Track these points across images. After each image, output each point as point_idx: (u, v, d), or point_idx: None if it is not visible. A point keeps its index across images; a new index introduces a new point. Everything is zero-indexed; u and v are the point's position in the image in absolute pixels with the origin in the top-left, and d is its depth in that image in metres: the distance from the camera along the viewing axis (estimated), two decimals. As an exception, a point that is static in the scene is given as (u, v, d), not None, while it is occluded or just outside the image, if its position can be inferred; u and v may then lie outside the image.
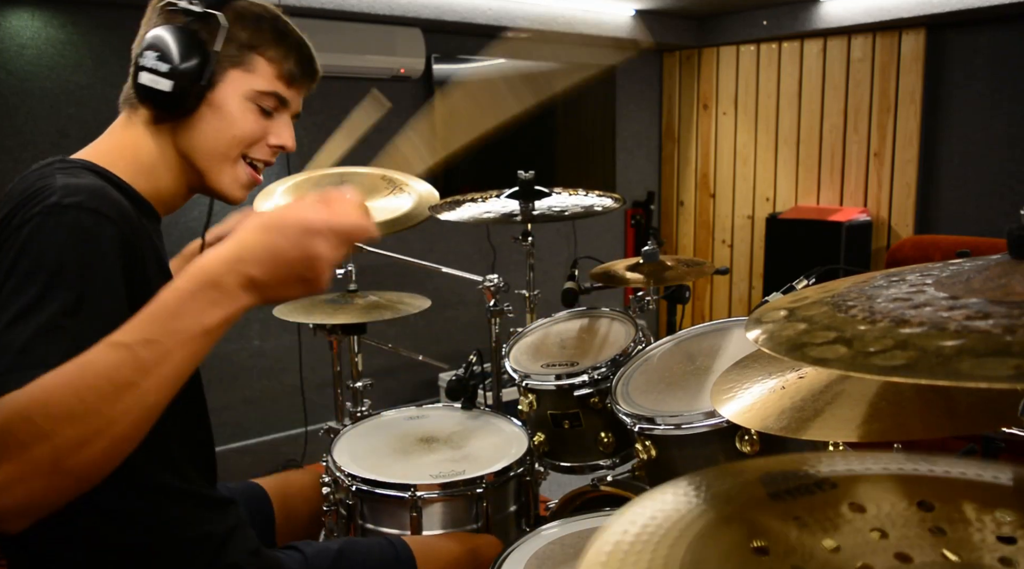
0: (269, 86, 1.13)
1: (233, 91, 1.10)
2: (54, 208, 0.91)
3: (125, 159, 1.10)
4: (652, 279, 2.06)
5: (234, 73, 1.10)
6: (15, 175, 1.07)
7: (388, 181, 2.32)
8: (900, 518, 0.55)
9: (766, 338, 0.64)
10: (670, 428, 1.44)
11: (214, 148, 1.12)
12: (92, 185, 0.96)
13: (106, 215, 0.93)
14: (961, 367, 0.49)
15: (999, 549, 0.51)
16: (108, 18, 2.88)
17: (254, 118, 1.13)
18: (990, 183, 3.65)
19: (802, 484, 0.58)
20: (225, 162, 1.14)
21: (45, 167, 1.04)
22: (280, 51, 1.13)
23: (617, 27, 4.08)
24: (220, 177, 1.14)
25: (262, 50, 1.12)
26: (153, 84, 1.06)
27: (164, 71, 1.05)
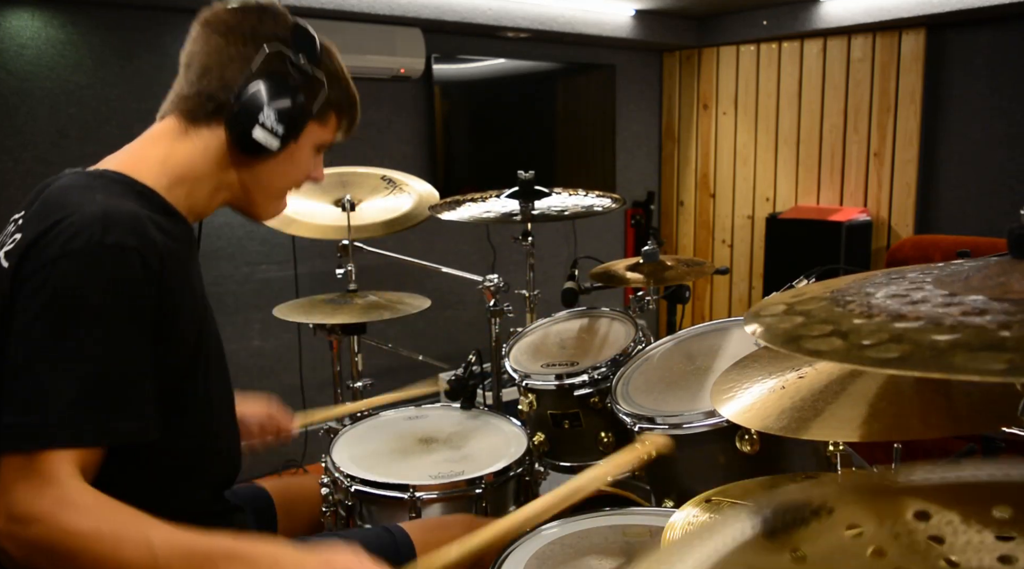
0: (332, 137, 1.21)
1: (308, 142, 1.17)
2: (95, 248, 0.91)
3: (169, 171, 1.09)
4: (652, 279, 2.06)
5: (312, 126, 1.16)
6: (15, 175, 1.07)
7: (388, 181, 2.32)
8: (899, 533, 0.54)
9: (763, 331, 0.64)
10: (670, 428, 1.43)
11: (277, 187, 1.19)
12: (131, 214, 0.96)
13: (143, 253, 0.95)
14: (954, 360, 0.49)
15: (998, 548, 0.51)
16: (108, 18, 2.88)
17: (312, 161, 1.21)
18: (990, 183, 3.64)
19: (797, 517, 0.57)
20: (280, 197, 1.21)
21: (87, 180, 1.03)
22: (350, 111, 1.23)
23: (617, 27, 4.08)
24: (267, 208, 1.21)
25: (338, 109, 1.20)
26: (266, 143, 1.09)
27: (280, 133, 1.09)
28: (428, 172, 3.77)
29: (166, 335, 0.99)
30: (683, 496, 1.32)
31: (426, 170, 3.78)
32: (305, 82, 1.12)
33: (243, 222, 3.30)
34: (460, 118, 3.89)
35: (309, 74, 1.12)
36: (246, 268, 3.34)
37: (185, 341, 1.05)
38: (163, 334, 0.98)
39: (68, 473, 0.87)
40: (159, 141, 1.12)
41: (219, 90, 1.10)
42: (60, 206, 0.96)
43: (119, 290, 0.92)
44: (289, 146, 1.13)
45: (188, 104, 1.11)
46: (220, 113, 1.10)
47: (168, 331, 0.99)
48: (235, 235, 3.29)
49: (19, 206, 1.06)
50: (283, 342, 3.37)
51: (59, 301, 0.90)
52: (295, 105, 1.10)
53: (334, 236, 2.22)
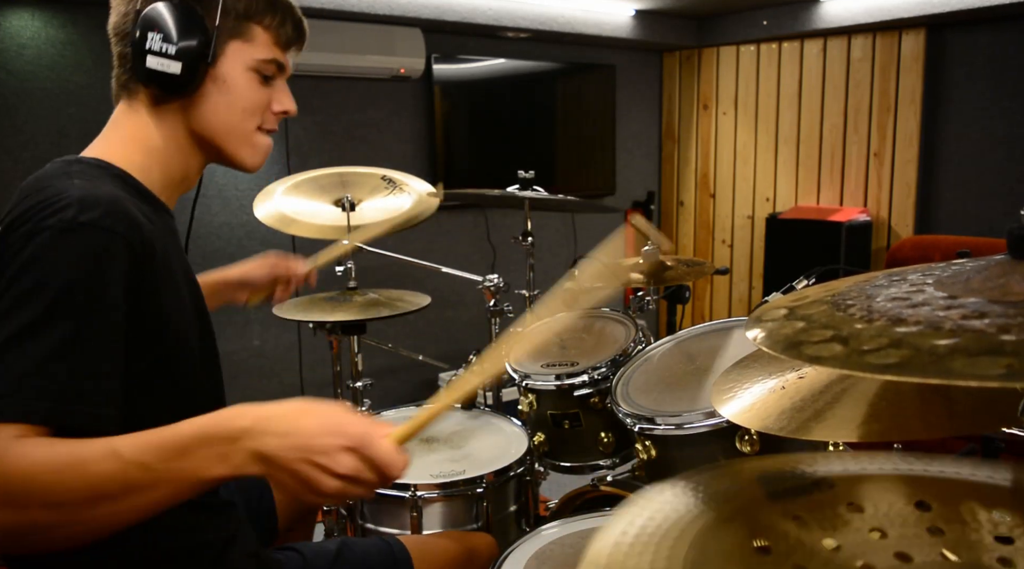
0: (269, 54, 1.11)
1: (235, 63, 1.09)
2: (69, 224, 0.89)
3: (138, 151, 1.08)
4: (652, 279, 2.06)
5: (234, 45, 1.09)
6: (15, 175, 1.07)
7: (388, 181, 2.32)
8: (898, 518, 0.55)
9: (764, 336, 0.64)
10: (670, 428, 1.44)
11: (228, 123, 1.11)
12: (110, 197, 0.94)
13: (121, 234, 0.92)
14: (953, 366, 0.49)
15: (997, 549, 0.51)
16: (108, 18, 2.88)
17: (258, 87, 1.12)
18: (990, 183, 3.64)
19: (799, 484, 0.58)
20: (243, 135, 1.13)
21: (63, 166, 1.02)
22: (276, 17, 1.12)
23: (617, 27, 4.08)
24: (239, 150, 1.13)
25: (258, 19, 1.10)
26: (164, 68, 1.03)
27: (171, 53, 1.03)
28: (428, 172, 3.77)
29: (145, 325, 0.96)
30: (683, 496, 1.31)
31: (426, 170, 3.78)
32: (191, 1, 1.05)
33: (243, 222, 3.30)
34: (460, 118, 3.89)
35: None
36: (246, 268, 3.34)
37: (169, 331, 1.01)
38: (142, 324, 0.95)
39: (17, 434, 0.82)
40: (119, 124, 1.11)
41: (126, 47, 1.07)
42: (36, 190, 0.94)
43: (90, 270, 0.89)
44: (211, 72, 1.07)
45: (121, 77, 1.10)
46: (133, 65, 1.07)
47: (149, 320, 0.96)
48: (235, 235, 3.30)
49: None
50: (283, 342, 3.37)
51: (25, 277, 0.87)
52: (184, 22, 1.04)
53: (334, 236, 2.22)
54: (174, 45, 1.03)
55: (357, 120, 3.61)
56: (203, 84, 1.08)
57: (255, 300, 1.54)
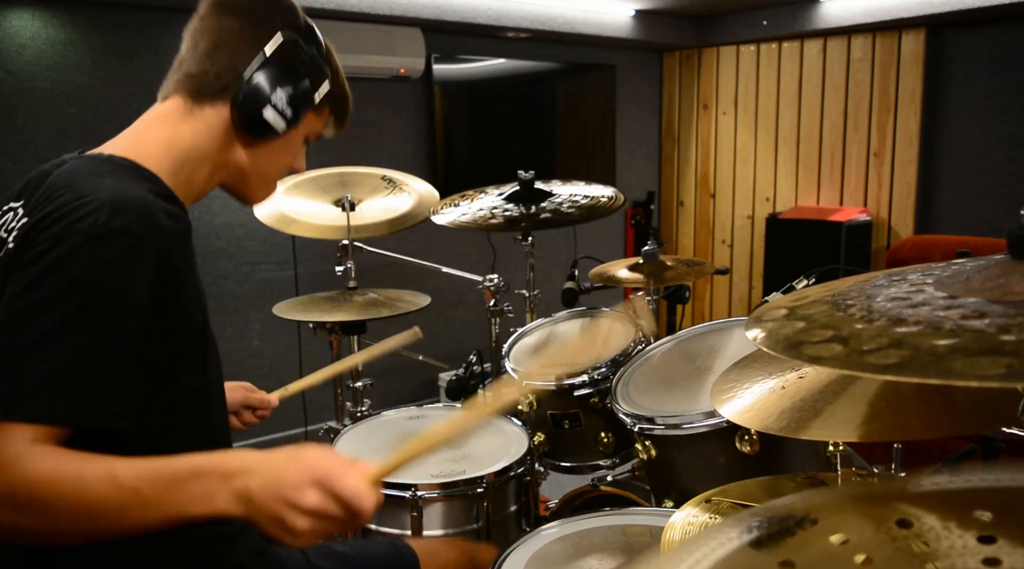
0: (322, 129, 1.24)
1: (303, 130, 1.20)
2: (100, 229, 0.91)
3: (170, 158, 1.09)
4: (652, 279, 2.06)
5: (310, 115, 1.19)
6: (15, 175, 1.06)
7: (388, 181, 2.32)
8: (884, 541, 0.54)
9: (764, 336, 0.64)
10: (670, 428, 1.44)
11: (272, 172, 1.21)
12: (140, 202, 0.96)
13: (151, 239, 0.94)
14: (953, 366, 0.49)
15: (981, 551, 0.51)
16: (108, 18, 2.88)
17: (300, 148, 1.23)
18: (990, 183, 3.65)
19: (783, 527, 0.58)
20: (272, 182, 1.23)
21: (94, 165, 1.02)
22: (342, 107, 1.25)
23: (617, 27, 4.08)
24: (259, 192, 1.23)
25: (333, 103, 1.23)
26: (274, 123, 1.12)
27: (288, 116, 1.12)
28: (428, 172, 3.77)
29: (170, 322, 0.98)
30: (683, 496, 1.32)
31: (426, 170, 3.78)
32: (312, 71, 1.16)
33: (243, 222, 3.30)
34: (460, 118, 3.89)
35: (317, 64, 1.17)
36: (246, 268, 3.34)
37: (190, 328, 1.04)
38: (167, 322, 0.97)
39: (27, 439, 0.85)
40: (163, 122, 1.12)
41: (228, 69, 1.11)
42: (67, 189, 0.95)
43: (118, 277, 0.91)
44: (289, 131, 1.16)
45: (195, 82, 1.11)
46: (227, 92, 1.11)
47: (172, 319, 0.99)
48: (235, 235, 3.30)
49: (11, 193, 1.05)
50: (283, 342, 3.37)
51: (53, 279, 0.89)
52: (302, 91, 1.14)
53: (334, 236, 2.22)
54: (290, 107, 1.13)
55: (357, 120, 3.61)
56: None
57: None
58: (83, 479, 0.85)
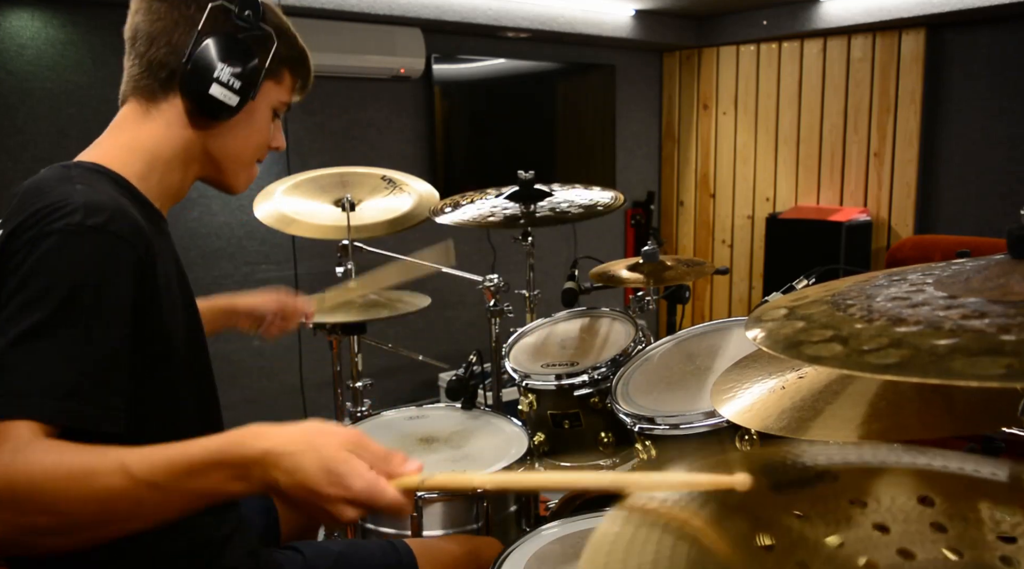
0: (288, 97, 1.20)
1: (264, 101, 1.16)
2: (77, 228, 0.90)
3: (139, 159, 1.09)
4: (652, 279, 2.06)
5: (268, 84, 1.15)
6: (15, 175, 1.07)
7: (388, 181, 2.32)
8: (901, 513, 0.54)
9: (764, 336, 0.64)
10: (670, 428, 1.44)
11: (242, 152, 1.17)
12: (114, 203, 0.96)
13: (126, 239, 0.94)
14: (953, 366, 0.49)
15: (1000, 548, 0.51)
16: (108, 18, 2.88)
17: (269, 123, 1.20)
18: (990, 183, 3.64)
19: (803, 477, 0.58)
20: (247, 165, 1.20)
21: (63, 172, 1.02)
22: (302, 67, 1.21)
23: (617, 27, 4.08)
24: (238, 177, 1.20)
25: (290, 64, 1.18)
26: (225, 99, 1.08)
27: (236, 88, 1.09)
28: (428, 172, 3.77)
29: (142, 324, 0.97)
30: (683, 496, 1.31)
31: (426, 170, 3.78)
32: (254, 36, 1.11)
33: (243, 221, 3.30)
34: (460, 118, 3.89)
35: (257, 29, 1.11)
36: (246, 268, 3.34)
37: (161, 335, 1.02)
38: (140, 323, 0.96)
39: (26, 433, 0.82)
40: (123, 128, 1.11)
41: (169, 56, 1.08)
42: (39, 196, 0.95)
43: (97, 273, 0.90)
44: (248, 105, 1.12)
45: (142, 80, 1.10)
46: (174, 80, 1.08)
47: (144, 320, 0.97)
48: (235, 235, 3.30)
49: None
50: (283, 342, 3.37)
51: (35, 278, 0.88)
52: (248, 60, 1.09)
53: (334, 236, 2.22)
54: (238, 80, 1.08)
55: (357, 120, 3.61)
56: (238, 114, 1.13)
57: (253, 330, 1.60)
58: (92, 470, 0.80)
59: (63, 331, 0.87)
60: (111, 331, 0.91)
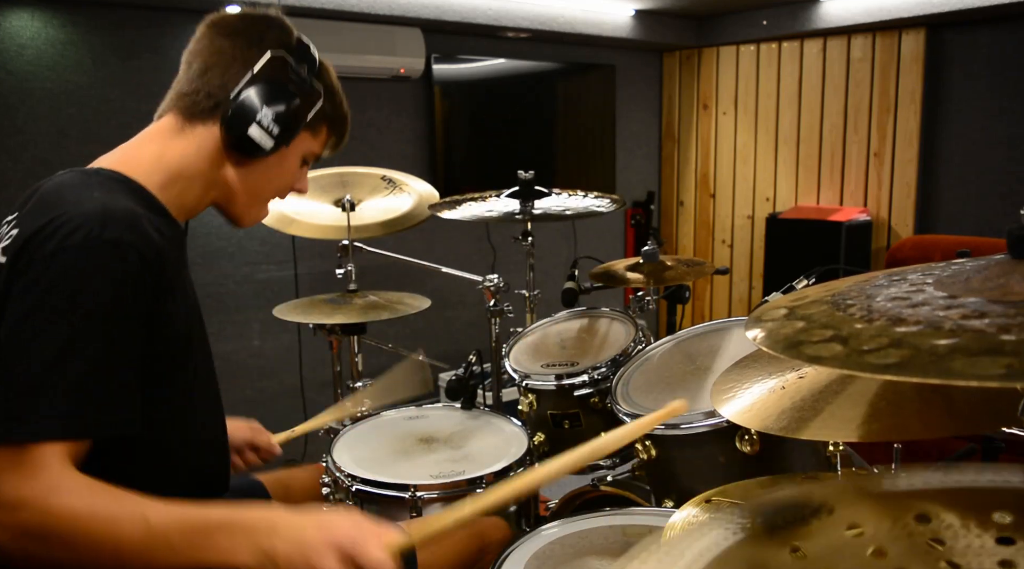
0: (320, 150, 1.24)
1: (297, 150, 1.20)
2: (93, 242, 0.92)
3: (165, 170, 1.11)
4: (652, 279, 2.06)
5: (304, 135, 1.19)
6: (15, 175, 1.07)
7: (388, 181, 2.32)
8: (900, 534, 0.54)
9: (764, 336, 0.64)
10: (670, 428, 1.44)
11: (262, 191, 1.21)
12: (129, 214, 0.98)
13: (140, 249, 0.96)
14: (953, 366, 0.49)
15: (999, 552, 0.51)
16: (108, 18, 2.88)
17: (298, 170, 1.23)
18: (990, 183, 3.64)
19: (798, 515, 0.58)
20: (263, 202, 1.23)
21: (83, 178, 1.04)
22: (340, 127, 1.26)
23: (617, 27, 4.08)
24: (249, 212, 1.23)
25: (330, 122, 1.23)
26: (260, 142, 1.12)
27: (275, 134, 1.12)
28: (428, 172, 3.77)
29: (158, 331, 1.00)
30: (683, 496, 1.32)
31: (426, 170, 3.78)
32: (303, 90, 1.15)
33: (243, 222, 3.29)
34: (460, 118, 3.89)
35: (308, 83, 1.16)
36: (246, 268, 3.34)
37: (176, 340, 1.05)
38: (155, 330, 0.99)
39: (59, 462, 0.88)
40: (155, 139, 1.14)
41: (219, 88, 1.12)
42: (57, 203, 0.97)
43: (115, 286, 0.93)
44: (280, 150, 1.16)
45: (187, 101, 1.13)
46: (217, 111, 1.12)
47: (160, 327, 1.00)
48: (235, 235, 3.30)
49: (12, 209, 1.06)
50: (283, 342, 3.37)
51: (55, 295, 0.90)
52: (291, 109, 1.13)
53: (334, 236, 2.22)
54: (278, 126, 1.12)
55: (357, 120, 3.59)
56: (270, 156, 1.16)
57: None
58: (116, 521, 0.88)
59: (85, 348, 0.91)
60: (128, 342, 0.95)
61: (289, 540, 0.92)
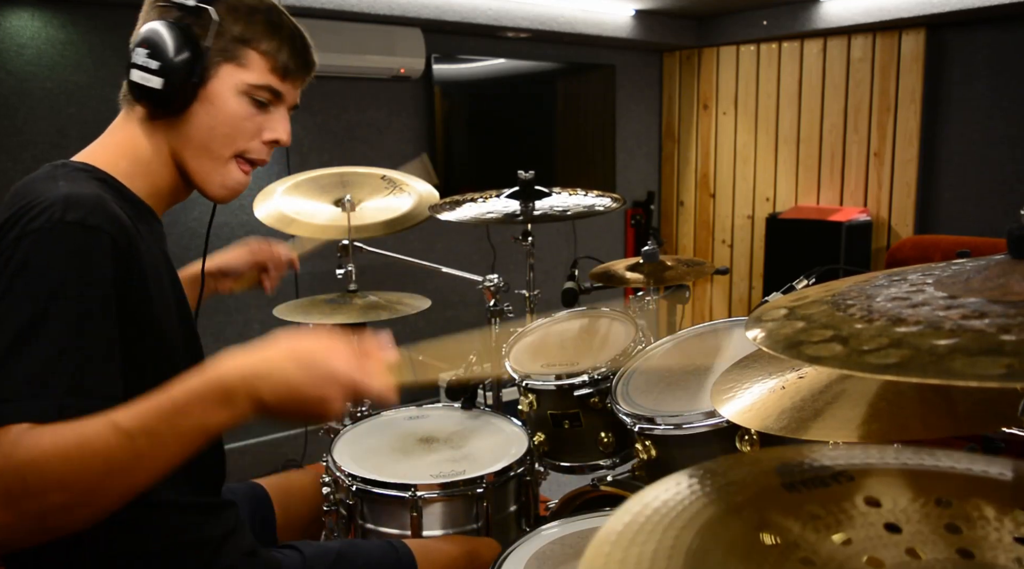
0: (262, 79, 1.11)
1: (225, 86, 1.09)
2: (56, 224, 0.91)
3: (125, 158, 1.10)
4: (652, 279, 2.06)
5: (227, 67, 1.09)
6: (15, 175, 1.07)
7: (388, 181, 2.32)
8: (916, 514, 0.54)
9: (764, 336, 0.64)
10: (670, 428, 1.44)
11: (207, 145, 1.11)
12: (94, 197, 0.96)
13: (107, 232, 0.94)
14: (953, 366, 0.49)
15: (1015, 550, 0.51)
16: (108, 18, 2.88)
17: (247, 113, 1.12)
18: (990, 183, 3.64)
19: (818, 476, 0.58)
20: (216, 161, 1.12)
21: (50, 170, 1.03)
22: (273, 44, 1.11)
23: (617, 27, 4.08)
24: (208, 176, 1.13)
25: (255, 43, 1.10)
26: (144, 82, 1.05)
27: (154, 68, 1.05)
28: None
29: (133, 316, 0.97)
30: (683, 496, 1.31)
31: (426, 170, 3.78)
32: (192, 19, 1.07)
33: (243, 222, 3.30)
34: (460, 118, 3.89)
35: (192, 10, 1.07)
36: (246, 268, 3.33)
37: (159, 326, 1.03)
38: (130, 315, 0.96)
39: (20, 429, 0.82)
40: (113, 132, 1.14)
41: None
42: (23, 195, 0.96)
43: (80, 267, 0.91)
44: (201, 93, 1.08)
45: (124, 90, 1.13)
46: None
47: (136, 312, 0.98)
48: (235, 235, 3.30)
49: None
50: (283, 342, 3.37)
51: (19, 278, 0.88)
52: (175, 40, 1.05)
53: (334, 236, 2.22)
54: (158, 61, 1.04)
55: (357, 120, 3.61)
56: (191, 105, 1.08)
57: (239, 288, 1.55)
58: (87, 439, 0.81)
59: (51, 328, 0.87)
60: (99, 323, 0.91)
61: (275, 386, 0.87)
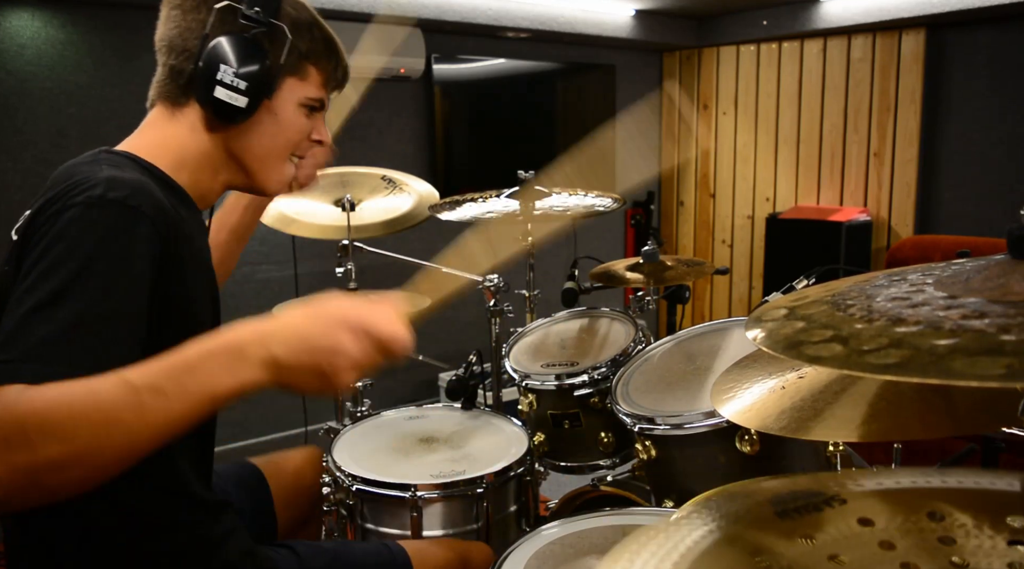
0: (318, 93, 1.18)
1: (289, 98, 1.15)
2: (98, 200, 0.91)
3: (169, 154, 1.10)
4: (652, 279, 2.06)
5: (290, 81, 1.14)
6: (15, 175, 1.08)
7: (388, 181, 2.32)
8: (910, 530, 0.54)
9: (764, 336, 0.64)
10: (670, 428, 1.44)
11: (269, 152, 1.16)
12: (136, 180, 0.97)
13: (147, 214, 0.94)
14: (953, 366, 0.49)
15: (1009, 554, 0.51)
16: (108, 18, 2.88)
17: (304, 122, 1.18)
18: (990, 183, 3.64)
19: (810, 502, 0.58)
20: (277, 163, 1.18)
21: (93, 155, 1.04)
22: (330, 62, 1.18)
23: (617, 27, 4.08)
24: (269, 176, 1.18)
25: (315, 59, 1.16)
26: (231, 101, 1.07)
27: (241, 88, 1.07)
28: (428, 172, 3.77)
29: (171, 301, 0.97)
30: (683, 496, 1.32)
31: (426, 170, 3.78)
32: (264, 34, 1.10)
33: (243, 222, 3.30)
34: (460, 118, 3.89)
35: (266, 25, 1.09)
36: (246, 268, 3.34)
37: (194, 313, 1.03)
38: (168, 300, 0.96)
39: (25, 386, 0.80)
40: (153, 128, 1.13)
41: (186, 62, 1.09)
42: (65, 178, 0.97)
43: (116, 242, 0.91)
44: (266, 105, 1.11)
45: (165, 86, 1.12)
46: (192, 85, 1.09)
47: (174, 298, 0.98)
48: (235, 235, 3.30)
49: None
50: (283, 342, 3.37)
51: (55, 246, 0.89)
52: (255, 58, 1.07)
53: (334, 236, 2.22)
54: (244, 80, 1.07)
55: (357, 120, 3.61)
56: (256, 114, 1.11)
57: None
58: (94, 390, 0.79)
59: (78, 298, 0.87)
60: (126, 299, 0.91)
61: (287, 339, 0.85)
